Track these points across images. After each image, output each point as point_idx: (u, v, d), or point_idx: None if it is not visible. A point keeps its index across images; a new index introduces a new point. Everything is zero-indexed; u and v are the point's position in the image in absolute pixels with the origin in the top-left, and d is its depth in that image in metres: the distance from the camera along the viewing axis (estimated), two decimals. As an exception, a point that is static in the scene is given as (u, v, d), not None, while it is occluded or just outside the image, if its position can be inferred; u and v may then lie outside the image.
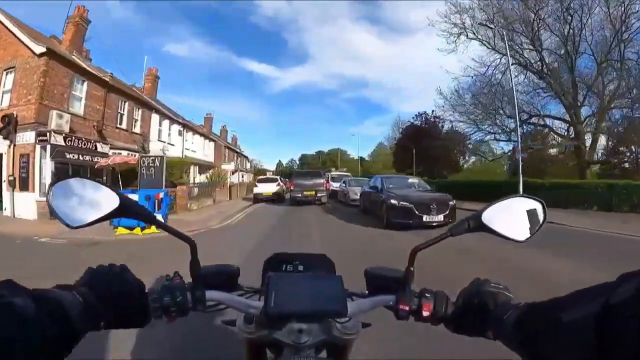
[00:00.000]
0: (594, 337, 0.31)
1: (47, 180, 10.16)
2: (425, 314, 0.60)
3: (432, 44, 67.65)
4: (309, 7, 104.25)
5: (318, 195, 14.98)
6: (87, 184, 0.56)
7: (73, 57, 12.97)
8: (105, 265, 0.57)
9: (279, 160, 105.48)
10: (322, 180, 15.45)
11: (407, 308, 0.61)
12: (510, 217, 0.63)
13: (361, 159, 70.51)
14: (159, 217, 4.52)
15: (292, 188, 15.67)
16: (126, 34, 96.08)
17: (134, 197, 6.90)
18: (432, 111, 31.81)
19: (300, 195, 14.96)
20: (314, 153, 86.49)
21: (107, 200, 0.55)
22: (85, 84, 12.77)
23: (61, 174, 9.54)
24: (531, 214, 0.64)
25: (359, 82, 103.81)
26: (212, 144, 29.83)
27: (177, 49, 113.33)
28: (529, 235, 0.63)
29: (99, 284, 0.52)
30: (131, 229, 7.82)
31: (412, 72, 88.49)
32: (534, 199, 0.64)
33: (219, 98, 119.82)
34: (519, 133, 13.87)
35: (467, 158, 33.20)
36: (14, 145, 10.59)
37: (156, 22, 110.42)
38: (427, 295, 0.61)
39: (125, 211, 0.57)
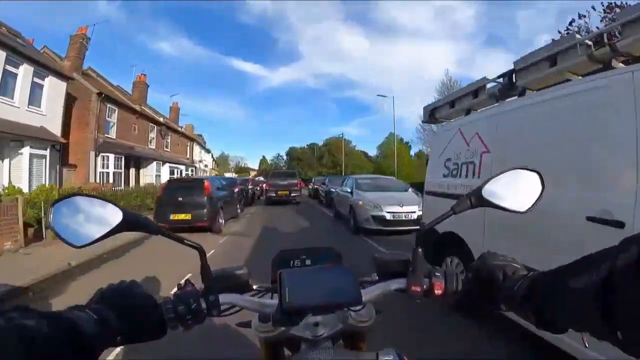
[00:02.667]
0: (600, 302, 0.32)
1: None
2: (438, 292, 0.63)
3: (419, 45, 74.54)
4: (296, 7, 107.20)
5: (292, 194, 16.35)
6: (87, 200, 0.56)
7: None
8: (114, 283, 0.58)
9: (263, 157, 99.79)
10: (295, 181, 16.91)
11: (419, 289, 0.64)
12: (510, 189, 0.65)
13: (365, 154, 65.68)
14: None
15: (267, 188, 16.89)
16: (110, 30, 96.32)
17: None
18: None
19: (274, 195, 16.25)
20: (305, 146, 79.74)
21: (110, 215, 0.55)
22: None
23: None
24: (529, 184, 0.66)
25: (346, 82, 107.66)
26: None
27: (162, 47, 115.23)
28: (530, 205, 0.65)
29: (110, 300, 0.54)
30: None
31: (399, 73, 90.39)
32: (531, 170, 0.66)
33: (202, 96, 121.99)
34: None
35: None
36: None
37: (141, 19, 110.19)
38: (437, 274, 0.64)
39: (129, 224, 0.56)
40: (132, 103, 20.27)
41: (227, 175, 34.67)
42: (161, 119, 23.84)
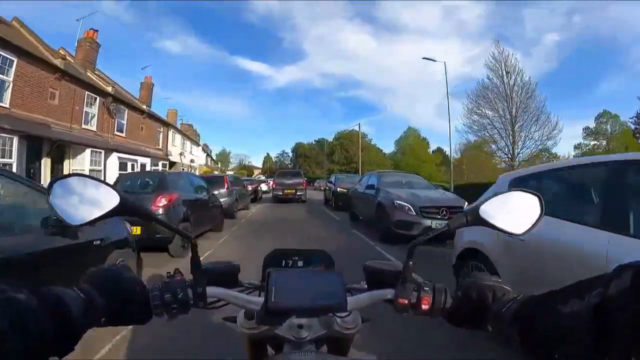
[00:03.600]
0: (591, 328, 0.33)
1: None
2: (424, 307, 0.63)
3: (424, 45, 73.93)
4: (301, 6, 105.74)
5: (298, 193, 17.42)
6: (87, 181, 0.57)
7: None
8: (105, 265, 0.60)
9: (267, 154, 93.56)
10: (301, 180, 18.01)
11: (406, 301, 0.64)
12: (508, 211, 0.65)
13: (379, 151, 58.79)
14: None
15: (274, 186, 18.15)
16: (117, 29, 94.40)
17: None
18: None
19: (281, 193, 17.36)
20: (313, 142, 72.29)
21: (107, 198, 0.56)
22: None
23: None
24: (528, 208, 0.65)
25: (352, 81, 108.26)
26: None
27: (169, 46, 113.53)
28: (527, 229, 0.65)
29: (100, 281, 0.54)
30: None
31: (404, 72, 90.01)
32: (531, 193, 0.66)
33: (205, 94, 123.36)
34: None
35: None
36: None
37: (148, 18, 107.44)
38: (425, 288, 0.63)
39: (125, 209, 0.57)
40: (52, 57, 12.92)
41: (230, 173, 29.30)
42: (110, 89, 16.38)
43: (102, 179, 5.79)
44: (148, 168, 18.59)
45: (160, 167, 20.77)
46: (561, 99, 64.03)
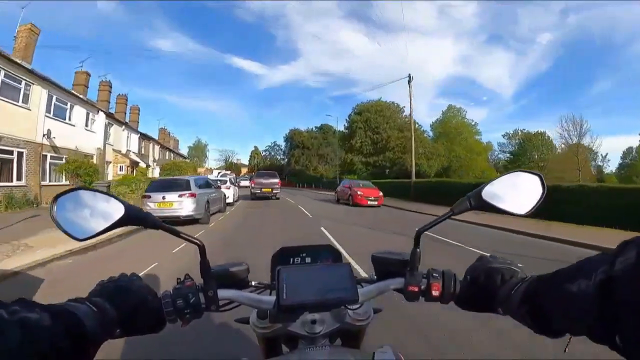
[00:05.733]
0: (599, 305, 0.33)
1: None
2: (435, 293, 0.64)
3: (417, 43, 72.74)
4: (296, 4, 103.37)
5: (273, 191, 19.60)
6: (90, 194, 0.58)
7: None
8: (115, 276, 0.61)
9: (254, 148, 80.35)
10: (277, 180, 20.20)
11: (416, 289, 0.65)
12: (510, 192, 0.65)
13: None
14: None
15: (253, 185, 20.14)
16: (107, 27, 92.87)
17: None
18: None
19: (259, 191, 19.45)
20: (314, 129, 58.38)
21: (112, 209, 0.57)
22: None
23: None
24: (530, 187, 0.66)
25: (346, 80, 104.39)
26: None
27: (160, 44, 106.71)
28: (530, 208, 0.66)
29: (110, 293, 0.55)
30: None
31: (398, 70, 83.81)
32: (532, 173, 0.67)
33: (193, 90, 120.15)
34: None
35: None
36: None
37: (139, 16, 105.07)
38: (435, 275, 0.65)
39: (131, 219, 0.58)
40: None
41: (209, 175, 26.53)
42: None
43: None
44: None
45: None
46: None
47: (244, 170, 76.36)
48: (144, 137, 32.46)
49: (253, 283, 0.77)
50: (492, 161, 49.06)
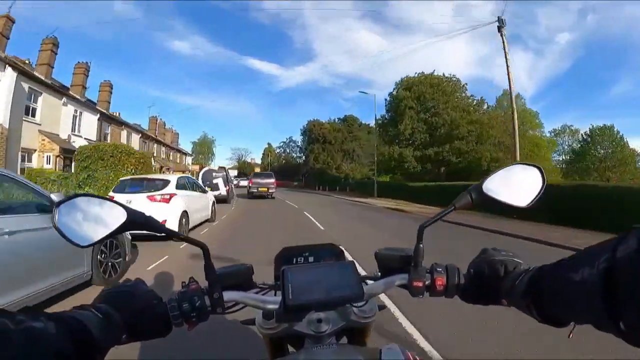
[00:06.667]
0: (602, 294, 0.33)
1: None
2: (439, 288, 0.64)
3: (434, 43, 75.32)
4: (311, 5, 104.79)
5: (269, 191, 20.89)
6: (92, 200, 0.58)
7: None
8: (119, 283, 0.61)
9: (268, 144, 72.13)
10: (273, 180, 21.79)
11: (420, 284, 0.65)
12: (510, 184, 0.66)
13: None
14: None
15: (250, 184, 21.69)
16: (127, 29, 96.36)
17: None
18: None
19: (256, 190, 20.80)
20: (337, 120, 49.05)
21: (114, 215, 0.57)
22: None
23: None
24: (530, 180, 0.67)
25: (362, 80, 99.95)
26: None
27: (178, 46, 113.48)
28: (531, 199, 0.66)
29: (115, 299, 0.55)
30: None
31: (414, 69, 68.27)
32: (532, 165, 0.68)
33: (209, 90, 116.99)
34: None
35: None
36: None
37: (157, 18, 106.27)
38: (438, 269, 0.65)
39: (133, 224, 0.58)
40: None
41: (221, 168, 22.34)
42: None
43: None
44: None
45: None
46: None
47: (257, 169, 70.78)
48: (109, 120, 24.13)
49: (258, 284, 0.78)
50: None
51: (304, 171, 50.47)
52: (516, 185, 0.66)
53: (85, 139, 19.86)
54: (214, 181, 17.27)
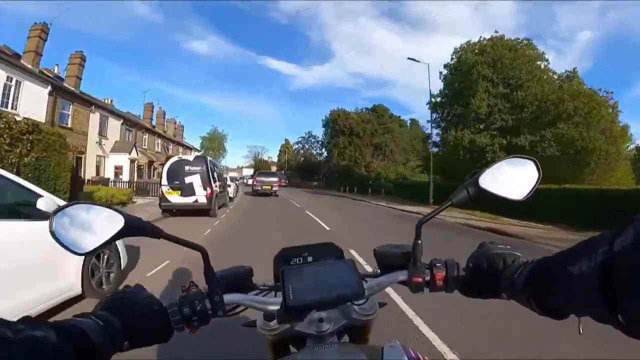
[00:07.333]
0: (599, 285, 0.34)
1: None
2: (439, 283, 0.65)
3: (453, 42, 58.31)
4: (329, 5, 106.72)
5: (273, 189, 21.82)
6: (89, 208, 0.58)
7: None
8: (119, 290, 0.61)
9: (285, 141, 65.89)
10: (276, 179, 23.19)
11: (420, 280, 0.66)
12: (506, 178, 0.67)
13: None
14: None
15: (255, 183, 22.62)
16: (146, 30, 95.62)
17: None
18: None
19: (260, 188, 21.76)
20: (364, 110, 41.88)
21: (111, 221, 0.57)
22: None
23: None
24: (526, 173, 0.67)
25: (379, 80, 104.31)
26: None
27: (195, 47, 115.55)
28: (527, 193, 0.67)
29: (116, 306, 0.56)
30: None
31: (433, 71, 56.00)
32: (527, 158, 0.69)
33: (228, 92, 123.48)
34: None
35: None
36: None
37: (175, 19, 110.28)
38: (437, 265, 0.66)
39: (131, 230, 0.58)
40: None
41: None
42: None
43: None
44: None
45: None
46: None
47: (273, 168, 65.36)
48: (71, 97, 18.34)
49: (258, 285, 0.78)
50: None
51: (325, 170, 43.71)
52: (512, 178, 0.67)
53: (24, 117, 14.05)
54: (187, 180, 10.53)
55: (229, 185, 17.09)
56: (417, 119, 51.34)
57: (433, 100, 22.05)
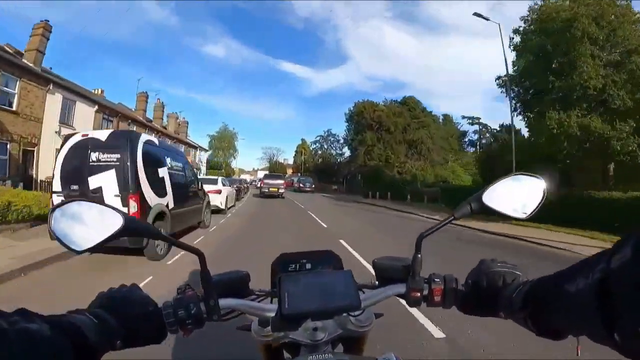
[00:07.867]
0: (597, 305, 0.34)
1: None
2: (437, 298, 0.65)
3: (470, 43, 64.29)
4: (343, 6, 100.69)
5: (279, 191, 23.37)
6: (88, 205, 0.57)
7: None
8: (115, 287, 0.61)
9: (302, 140, 60.97)
10: (283, 181, 24.97)
11: (418, 294, 0.65)
12: (511, 195, 0.66)
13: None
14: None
15: (261, 185, 24.50)
16: (162, 34, 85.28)
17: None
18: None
19: (267, 190, 23.21)
20: (393, 101, 35.87)
21: (110, 220, 0.56)
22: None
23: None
24: (531, 190, 0.67)
25: (395, 83, 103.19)
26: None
27: (211, 50, 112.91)
28: (530, 211, 0.66)
29: (110, 304, 0.56)
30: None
31: (449, 72, 60.77)
32: (533, 176, 0.68)
33: (245, 97, 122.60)
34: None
35: None
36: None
37: (192, 23, 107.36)
38: (436, 280, 0.65)
39: (129, 230, 0.57)
40: None
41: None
42: None
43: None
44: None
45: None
46: None
47: (289, 171, 61.25)
48: (22, 71, 13.69)
49: (255, 291, 0.77)
50: None
51: (346, 172, 38.36)
52: (517, 195, 0.66)
53: None
54: (92, 181, 5.08)
55: (218, 192, 11.72)
56: (449, 114, 45.53)
57: (513, 75, 15.74)
